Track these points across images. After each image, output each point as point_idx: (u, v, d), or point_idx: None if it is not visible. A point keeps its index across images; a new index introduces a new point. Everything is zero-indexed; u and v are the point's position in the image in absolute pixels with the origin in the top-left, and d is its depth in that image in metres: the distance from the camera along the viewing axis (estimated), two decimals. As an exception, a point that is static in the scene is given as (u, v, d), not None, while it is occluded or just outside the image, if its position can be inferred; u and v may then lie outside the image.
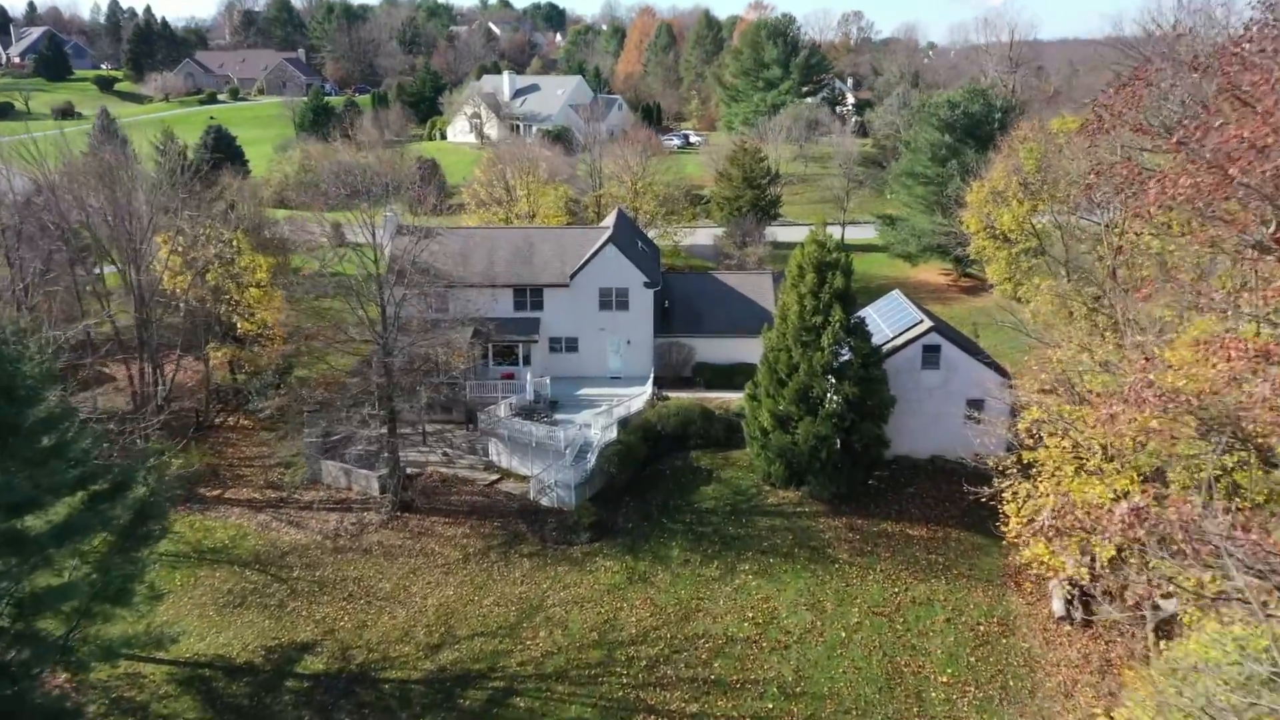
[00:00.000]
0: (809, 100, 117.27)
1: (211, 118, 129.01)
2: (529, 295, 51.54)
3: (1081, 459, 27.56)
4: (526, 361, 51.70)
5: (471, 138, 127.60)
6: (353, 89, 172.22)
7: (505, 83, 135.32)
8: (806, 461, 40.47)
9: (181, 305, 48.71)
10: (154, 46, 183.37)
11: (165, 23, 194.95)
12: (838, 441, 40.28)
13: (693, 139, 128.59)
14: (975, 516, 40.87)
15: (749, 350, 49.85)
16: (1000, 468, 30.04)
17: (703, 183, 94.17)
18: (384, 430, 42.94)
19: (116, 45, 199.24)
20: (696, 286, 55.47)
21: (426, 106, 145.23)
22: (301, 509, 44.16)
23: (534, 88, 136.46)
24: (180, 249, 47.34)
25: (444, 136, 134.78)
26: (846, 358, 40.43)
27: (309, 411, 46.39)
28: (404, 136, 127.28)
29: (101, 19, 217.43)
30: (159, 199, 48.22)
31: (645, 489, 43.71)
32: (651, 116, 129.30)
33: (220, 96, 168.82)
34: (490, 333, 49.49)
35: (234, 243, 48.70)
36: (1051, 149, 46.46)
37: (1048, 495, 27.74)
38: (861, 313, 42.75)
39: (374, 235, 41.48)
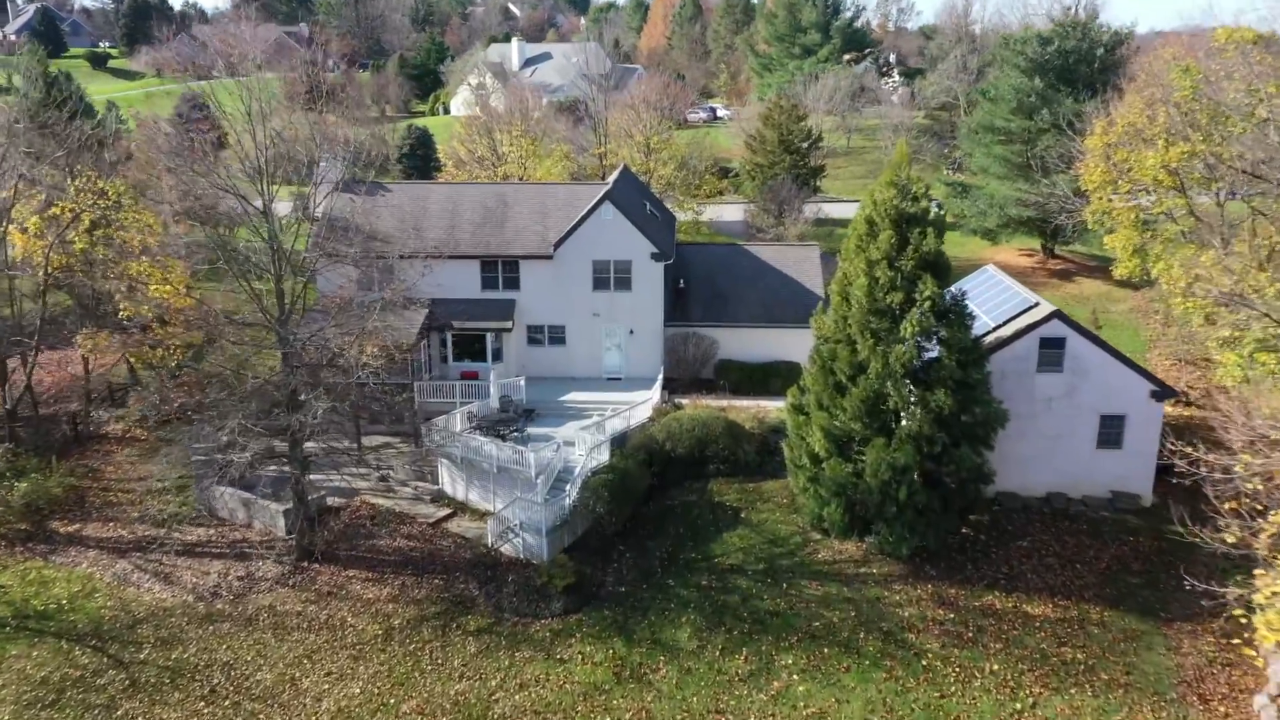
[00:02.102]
0: (854, 68, 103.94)
1: (198, 93, 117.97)
2: (501, 270, 39.42)
3: None
4: (498, 357, 39.64)
5: (477, 111, 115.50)
6: (358, 65, 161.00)
7: (514, 50, 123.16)
8: (876, 502, 28.12)
9: (41, 278, 37.07)
10: (150, 22, 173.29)
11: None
12: (917, 474, 27.97)
13: (720, 113, 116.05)
14: (1121, 585, 28.45)
15: (791, 344, 38.44)
16: (1258, 551, 17.25)
17: (731, 155, 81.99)
18: (289, 448, 31.08)
19: (117, 22, 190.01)
20: (721, 262, 42.97)
21: (431, 80, 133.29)
22: (178, 553, 32.41)
23: (545, 56, 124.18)
24: (32, 202, 35.61)
25: (448, 111, 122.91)
26: (935, 354, 28.05)
27: (196, 419, 34.67)
28: (398, 109, 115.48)
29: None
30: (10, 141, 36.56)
31: (646, 535, 31.53)
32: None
33: (215, 72, 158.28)
34: (438, 318, 37.34)
35: (110, 194, 36.85)
36: (1213, 72, 33.55)
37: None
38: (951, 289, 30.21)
39: (264, 177, 29.53)
